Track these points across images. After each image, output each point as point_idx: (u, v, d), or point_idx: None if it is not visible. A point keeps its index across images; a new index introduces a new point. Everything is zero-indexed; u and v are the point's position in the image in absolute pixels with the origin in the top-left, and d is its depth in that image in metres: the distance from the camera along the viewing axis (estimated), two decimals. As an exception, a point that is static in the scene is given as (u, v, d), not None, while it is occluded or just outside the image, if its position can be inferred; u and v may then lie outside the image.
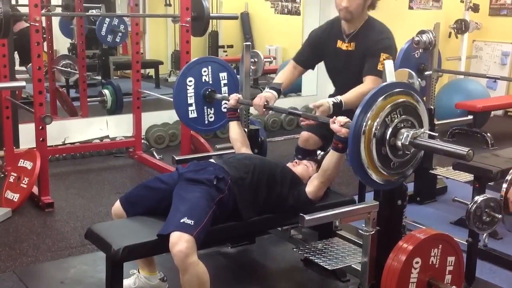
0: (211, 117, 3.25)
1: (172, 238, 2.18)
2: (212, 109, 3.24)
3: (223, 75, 3.22)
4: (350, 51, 3.06)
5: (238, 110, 3.04)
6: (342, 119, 2.29)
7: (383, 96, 2.00)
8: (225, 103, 3.13)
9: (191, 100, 3.15)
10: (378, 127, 1.99)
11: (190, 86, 3.13)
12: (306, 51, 3.25)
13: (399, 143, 2.02)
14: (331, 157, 2.42)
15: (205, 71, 3.17)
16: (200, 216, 2.27)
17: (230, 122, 3.03)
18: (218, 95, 3.18)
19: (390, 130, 2.01)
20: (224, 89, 3.23)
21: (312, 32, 3.28)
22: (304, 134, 3.21)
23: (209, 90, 3.18)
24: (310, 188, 2.56)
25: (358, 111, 1.99)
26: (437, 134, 2.13)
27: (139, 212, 2.52)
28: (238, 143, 2.96)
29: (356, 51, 3.03)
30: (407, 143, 2.00)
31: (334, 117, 2.33)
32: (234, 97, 2.99)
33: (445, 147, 2.00)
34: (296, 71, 3.24)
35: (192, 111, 3.17)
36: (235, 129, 2.99)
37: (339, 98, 2.77)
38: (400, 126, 2.03)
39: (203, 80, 3.17)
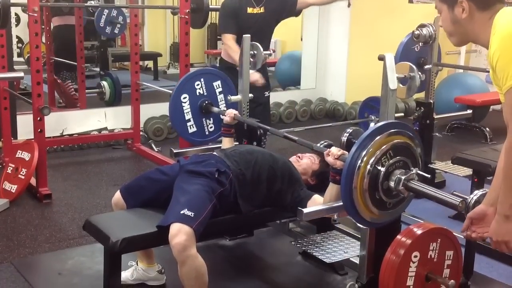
0: (211, 127, 3.23)
1: (172, 230, 2.18)
2: (211, 119, 3.21)
3: (216, 83, 3.20)
4: (261, 13, 3.80)
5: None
6: (335, 151, 2.25)
7: (379, 136, 1.98)
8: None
9: (188, 116, 3.13)
10: (373, 165, 1.96)
11: (185, 102, 3.11)
12: (232, 21, 3.76)
13: (392, 185, 2.01)
14: (331, 190, 2.33)
15: (198, 84, 3.14)
16: (200, 209, 2.27)
17: (223, 138, 3.02)
18: (215, 109, 3.16)
19: (382, 173, 1.98)
20: (220, 97, 3.22)
21: (225, 3, 3.89)
22: None
23: (206, 102, 3.16)
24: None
25: (354, 149, 1.96)
26: (429, 176, 2.09)
27: (139, 203, 2.52)
28: None
29: (267, 12, 3.81)
30: (400, 187, 2.00)
31: (328, 149, 2.30)
32: (230, 113, 2.97)
33: (439, 195, 2.00)
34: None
35: (191, 126, 3.16)
36: (226, 146, 2.95)
37: None
38: (392, 168, 2.00)
39: (198, 94, 3.15)
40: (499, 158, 1.84)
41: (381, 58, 2.22)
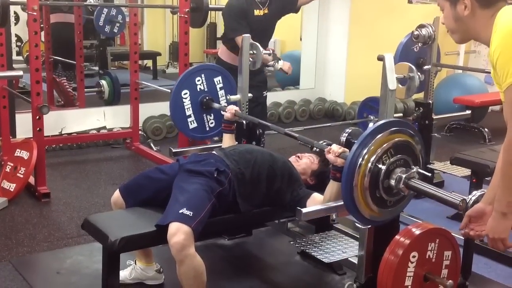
0: (211, 123, 3.23)
1: (170, 229, 2.18)
2: (212, 114, 3.21)
3: (217, 79, 3.20)
4: (266, 14, 3.82)
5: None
6: (336, 148, 2.26)
7: (380, 134, 1.98)
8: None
9: (189, 112, 3.13)
10: (374, 163, 1.96)
11: (185, 98, 3.11)
12: (243, 22, 3.72)
13: (392, 184, 2.01)
14: (331, 188, 2.33)
15: (199, 80, 3.14)
16: (199, 208, 2.27)
17: (224, 134, 3.01)
18: (216, 105, 3.16)
19: (383, 172, 1.98)
20: (221, 93, 3.21)
21: (232, 5, 3.83)
22: None
23: (206, 98, 3.16)
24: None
25: (355, 147, 1.96)
26: (430, 175, 2.10)
27: (138, 202, 2.52)
28: None
29: (270, 13, 3.83)
30: (401, 185, 2.00)
31: (329, 147, 2.30)
32: (231, 110, 2.96)
33: (440, 194, 2.02)
34: None
35: (192, 122, 3.16)
36: (227, 143, 2.96)
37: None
38: (392, 167, 2.00)
39: (198, 89, 3.15)
40: (498, 157, 1.85)
41: (381, 58, 2.22)
